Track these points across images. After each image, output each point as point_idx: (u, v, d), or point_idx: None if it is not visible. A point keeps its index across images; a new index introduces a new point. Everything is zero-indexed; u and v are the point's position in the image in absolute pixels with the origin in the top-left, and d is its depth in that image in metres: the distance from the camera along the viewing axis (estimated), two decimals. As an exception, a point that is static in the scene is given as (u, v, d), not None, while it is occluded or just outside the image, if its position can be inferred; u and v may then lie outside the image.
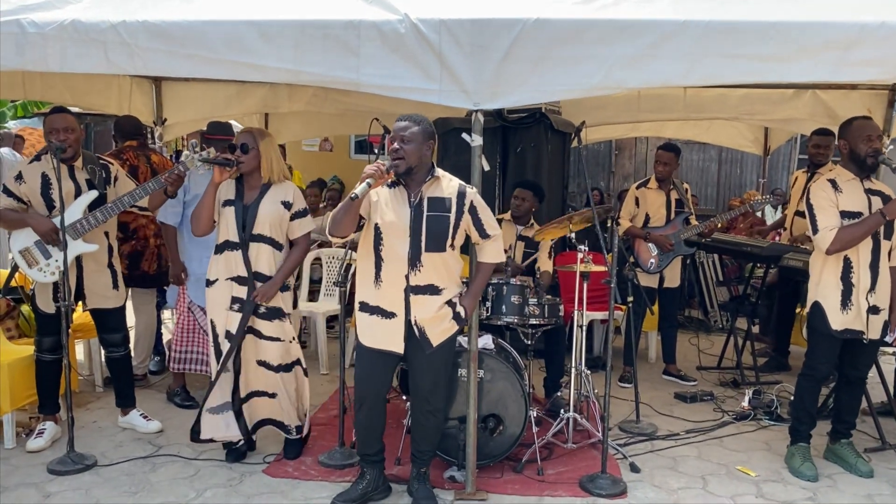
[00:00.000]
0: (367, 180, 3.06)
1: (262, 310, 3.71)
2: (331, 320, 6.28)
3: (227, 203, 3.70)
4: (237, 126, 8.98)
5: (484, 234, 3.36)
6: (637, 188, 5.52)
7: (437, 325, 3.29)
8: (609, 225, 4.12)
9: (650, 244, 5.33)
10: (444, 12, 3.29)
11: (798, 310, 5.64)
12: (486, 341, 3.84)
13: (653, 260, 5.32)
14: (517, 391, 3.76)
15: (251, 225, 3.66)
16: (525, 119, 5.76)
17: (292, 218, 3.76)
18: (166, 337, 5.59)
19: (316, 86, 6.20)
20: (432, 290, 3.25)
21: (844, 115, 5.92)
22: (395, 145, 3.17)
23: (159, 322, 5.46)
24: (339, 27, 3.34)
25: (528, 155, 5.81)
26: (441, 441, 3.66)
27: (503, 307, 4.00)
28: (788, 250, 5.00)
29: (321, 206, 7.87)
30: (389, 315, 3.26)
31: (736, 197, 9.62)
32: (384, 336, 3.29)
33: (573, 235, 4.19)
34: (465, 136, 3.46)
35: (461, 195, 3.28)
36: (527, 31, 3.26)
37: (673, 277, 5.42)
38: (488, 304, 3.97)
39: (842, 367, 3.95)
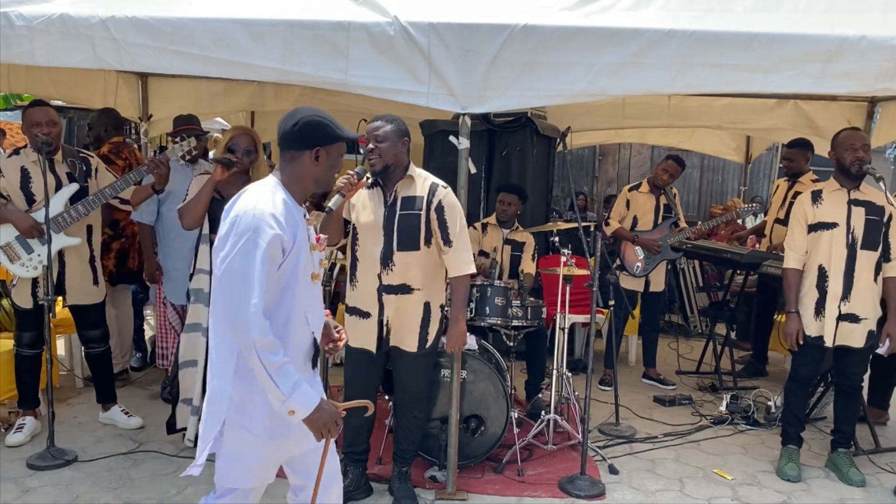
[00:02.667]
0: (339, 193, 3.03)
1: None
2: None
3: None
4: (223, 123, 8.99)
5: (446, 240, 3.24)
6: (629, 191, 5.58)
7: (402, 326, 3.28)
8: (592, 229, 4.15)
9: (637, 247, 5.39)
10: (434, 15, 3.32)
11: (777, 316, 5.72)
12: (470, 342, 3.87)
13: (639, 263, 5.38)
14: (499, 392, 3.79)
15: None
16: (511, 123, 5.80)
17: None
18: (148, 333, 5.57)
19: (304, 86, 6.23)
20: (404, 289, 3.26)
21: (825, 125, 6.06)
22: (371, 145, 3.20)
23: (141, 318, 5.44)
24: (329, 28, 3.36)
25: (514, 159, 5.85)
26: (423, 441, 3.69)
27: (487, 308, 4.03)
28: (767, 258, 5.07)
29: (304, 204, 7.85)
30: (365, 315, 3.30)
31: (717, 204, 9.72)
32: (362, 335, 3.32)
33: (556, 239, 4.23)
34: (452, 139, 3.50)
35: (431, 192, 3.26)
36: (515, 37, 3.29)
37: (658, 282, 5.48)
38: (472, 304, 4.01)
39: (836, 376, 4.03)
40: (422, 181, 3.30)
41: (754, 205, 5.60)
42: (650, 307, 5.57)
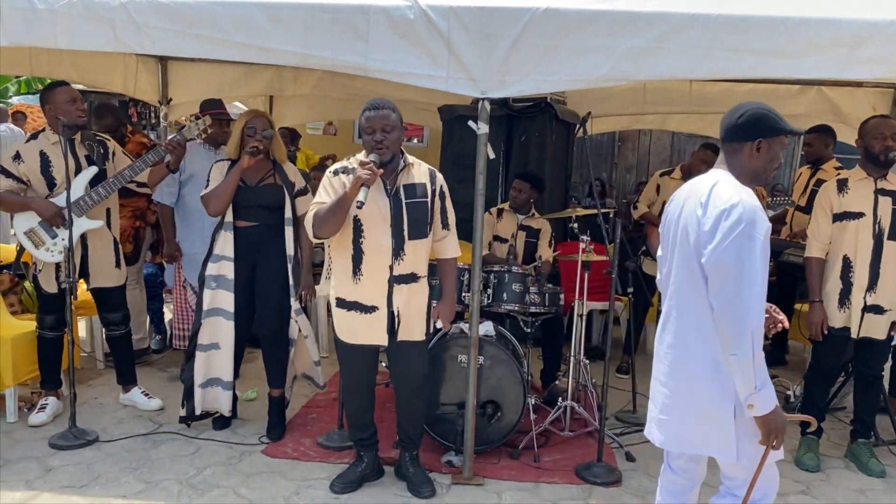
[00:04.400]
0: (365, 185, 2.95)
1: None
2: (331, 304, 6.32)
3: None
4: (242, 108, 9.01)
5: (446, 224, 3.33)
6: (660, 175, 5.51)
7: (412, 316, 3.26)
8: (611, 216, 4.12)
9: None
10: (454, -1, 3.30)
11: (798, 305, 5.66)
12: (488, 328, 3.87)
13: None
14: (516, 378, 3.79)
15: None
16: (530, 108, 5.76)
17: (296, 196, 3.86)
18: (168, 316, 5.62)
19: (323, 70, 6.22)
20: (412, 277, 3.24)
21: (849, 112, 5.98)
22: (378, 136, 3.09)
23: (161, 301, 5.48)
24: (349, 11, 3.35)
25: (532, 144, 5.81)
26: (439, 426, 3.70)
27: (504, 295, 4.03)
28: (789, 246, 5.01)
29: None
30: (369, 309, 3.21)
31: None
32: (365, 331, 3.24)
33: (576, 225, 4.20)
34: (471, 123, 3.47)
35: (433, 178, 3.29)
36: (536, 20, 3.26)
37: None
38: (489, 290, 4.00)
39: (857, 366, 3.99)
40: (417, 167, 3.30)
41: (786, 198, 5.46)
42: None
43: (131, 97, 6.63)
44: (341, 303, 3.26)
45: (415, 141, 10.52)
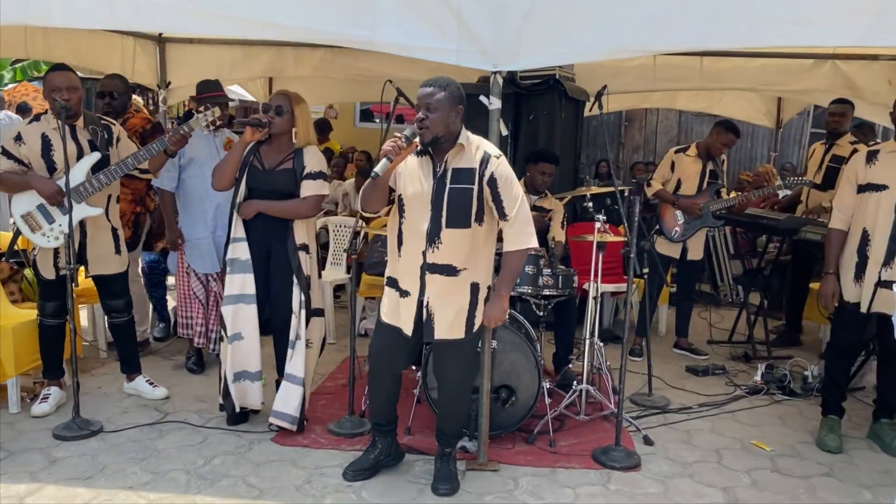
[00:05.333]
0: (386, 157, 2.89)
1: (309, 279, 3.68)
2: (337, 289, 6.22)
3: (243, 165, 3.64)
4: (239, 91, 8.88)
5: (502, 214, 2.99)
6: (675, 153, 5.37)
7: (447, 313, 3.07)
8: (626, 194, 4.00)
9: (677, 212, 5.21)
10: (464, -32, 3.16)
11: (815, 284, 5.55)
12: (501, 311, 3.76)
13: (677, 228, 5.21)
14: (530, 362, 3.69)
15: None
16: (538, 85, 5.63)
17: (301, 179, 3.65)
18: (171, 304, 5.52)
19: (328, 45, 6.09)
20: (449, 270, 3.02)
21: (864, 86, 5.86)
22: (420, 114, 2.94)
23: (164, 288, 5.39)
24: (355, -18, 3.22)
25: (542, 123, 5.68)
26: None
27: (517, 277, 3.91)
28: (805, 223, 4.90)
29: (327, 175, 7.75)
30: (404, 293, 3.11)
31: (746, 171, 9.49)
32: (397, 313, 3.15)
33: (590, 205, 4.09)
34: (483, 98, 3.34)
35: (483, 163, 2.98)
36: (548, -10, 3.13)
37: (696, 249, 5.31)
38: (502, 273, 3.88)
39: (878, 344, 3.89)
40: (474, 150, 3.02)
41: (801, 177, 5.31)
42: (686, 276, 5.43)
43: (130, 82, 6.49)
44: (389, 280, 3.19)
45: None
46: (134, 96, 4.96)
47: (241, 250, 3.62)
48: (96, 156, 3.82)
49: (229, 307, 3.66)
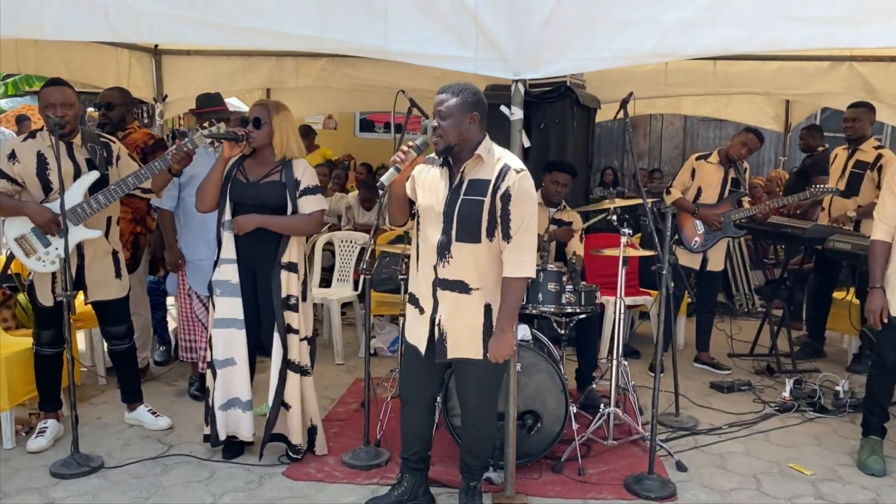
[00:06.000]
0: (394, 167, 2.79)
1: (292, 300, 3.44)
2: (345, 307, 6.00)
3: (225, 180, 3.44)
4: (236, 104, 8.68)
5: (506, 234, 2.76)
6: (696, 160, 5.18)
7: (460, 332, 2.87)
8: (650, 206, 3.80)
9: (697, 221, 5.02)
10: (482, -29, 2.97)
11: (840, 294, 5.36)
12: (524, 332, 3.57)
13: (697, 238, 5.02)
14: (556, 385, 3.50)
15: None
16: (549, 93, 5.44)
17: (300, 195, 3.46)
18: (172, 325, 5.31)
19: (332, 56, 5.90)
20: (461, 287, 2.82)
21: (882, 88, 5.69)
22: (435, 122, 2.80)
23: (164, 310, 5.18)
24: (365, -13, 3.03)
25: (553, 131, 5.50)
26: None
27: (539, 295, 3.73)
28: (833, 232, 4.71)
29: (328, 186, 7.56)
30: (421, 310, 2.95)
31: (758, 175, 9.32)
32: (416, 330, 2.98)
33: (614, 218, 3.90)
34: (504, 108, 3.15)
35: (501, 176, 2.77)
36: (572, -9, 2.95)
37: (717, 260, 5.13)
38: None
39: None
40: (493, 161, 2.82)
41: (828, 186, 5.11)
42: (707, 287, 5.23)
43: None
44: (410, 297, 3.04)
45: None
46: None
47: (230, 272, 3.41)
48: (94, 175, 3.61)
49: (220, 331, 3.45)
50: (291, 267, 3.46)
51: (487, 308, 2.87)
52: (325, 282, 6.00)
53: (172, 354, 5.09)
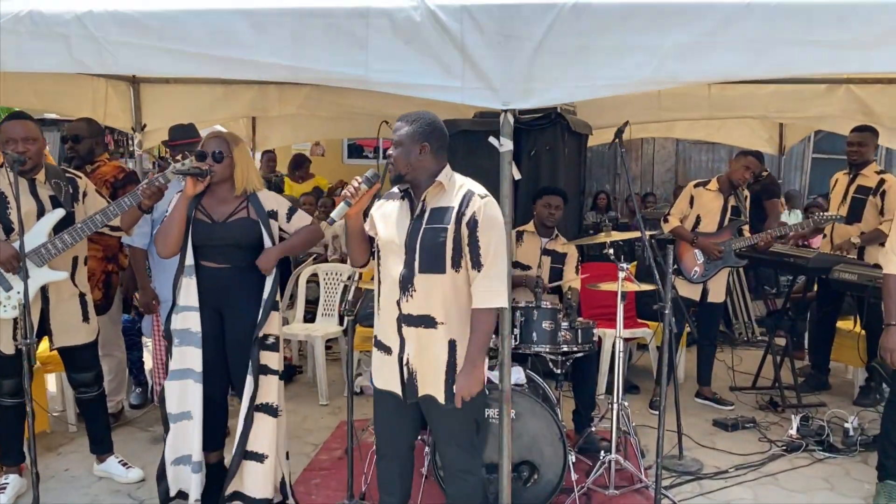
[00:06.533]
0: (344, 201, 2.67)
1: (271, 339, 3.23)
2: (331, 342, 5.77)
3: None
4: (221, 130, 8.50)
5: (476, 262, 2.62)
6: (695, 187, 5.00)
7: (426, 369, 2.68)
8: (647, 241, 3.61)
9: (696, 250, 4.83)
10: (467, -4, 2.80)
11: (844, 324, 5.18)
12: (519, 376, 3.36)
13: (697, 268, 4.83)
14: (553, 433, 3.28)
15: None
16: (539, 120, 5.27)
17: (287, 219, 3.32)
18: (149, 366, 5.07)
19: (315, 84, 5.73)
20: (427, 321, 2.66)
21: (881, 111, 5.53)
22: (390, 151, 2.72)
23: (140, 350, 4.94)
24: (344, 15, 2.85)
25: (544, 159, 5.31)
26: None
27: (533, 334, 3.53)
28: (838, 262, 4.54)
29: (314, 215, 7.35)
30: (387, 350, 2.76)
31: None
32: (387, 375, 2.78)
33: (611, 251, 3.71)
34: (492, 140, 2.97)
35: (465, 202, 2.65)
36: (563, 17, 2.77)
37: (718, 291, 4.94)
38: (516, 331, 3.49)
39: None
40: (455, 189, 2.72)
41: (832, 214, 4.93)
42: (708, 319, 5.04)
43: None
44: (375, 339, 2.85)
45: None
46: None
47: (192, 320, 3.17)
48: (59, 213, 3.40)
49: (175, 383, 3.20)
50: (275, 306, 3.27)
51: (452, 344, 2.69)
52: (310, 314, 5.79)
53: (149, 396, 4.85)
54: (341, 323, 5.39)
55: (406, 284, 2.66)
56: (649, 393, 5.07)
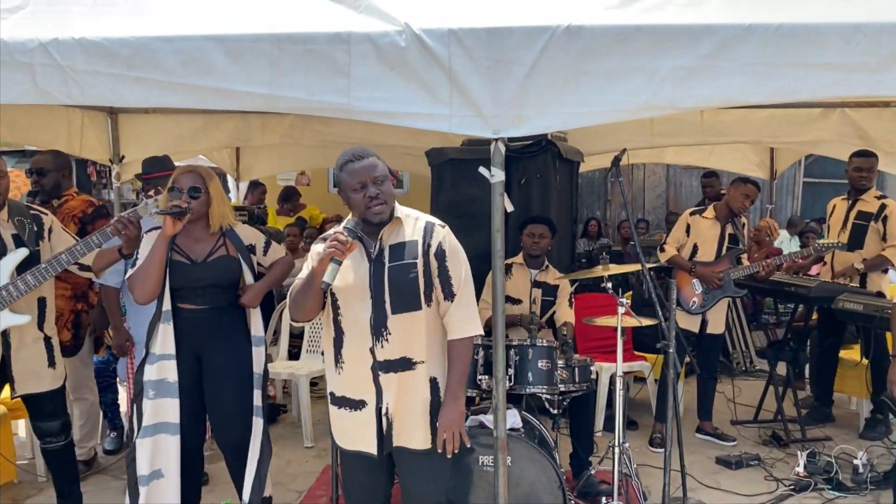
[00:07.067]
0: (333, 260, 2.37)
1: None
2: (317, 378, 5.56)
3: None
4: (207, 162, 8.33)
5: (448, 293, 2.54)
6: (690, 215, 4.87)
7: (405, 416, 2.52)
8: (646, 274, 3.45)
9: (695, 280, 4.68)
10: (454, 20, 2.65)
11: (859, 360, 5.00)
12: (514, 420, 3.17)
13: (696, 299, 4.66)
14: (552, 480, 3.09)
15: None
16: (530, 147, 5.13)
17: (265, 253, 3.24)
18: (124, 408, 4.83)
19: (296, 113, 5.61)
20: (406, 364, 2.51)
21: (876, 135, 5.45)
22: (372, 190, 2.48)
23: (115, 392, 4.71)
24: (325, 41, 2.69)
25: (535, 187, 5.17)
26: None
27: (529, 375, 3.34)
28: (842, 290, 4.39)
29: (300, 246, 7.16)
30: (357, 405, 2.55)
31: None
32: (356, 434, 2.58)
33: (609, 285, 3.54)
34: (482, 170, 2.81)
35: (428, 233, 2.55)
36: (556, 41, 2.63)
37: (717, 322, 4.77)
38: (511, 371, 3.30)
39: None
40: (412, 223, 2.60)
41: (833, 242, 4.80)
42: (707, 352, 4.86)
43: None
44: (332, 397, 2.64)
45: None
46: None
47: (168, 370, 2.99)
48: (22, 253, 3.21)
49: (147, 440, 2.99)
50: (262, 342, 3.15)
51: (434, 382, 2.56)
52: (295, 348, 5.58)
53: (124, 441, 4.61)
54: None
55: (379, 329, 2.49)
56: (648, 428, 4.87)
